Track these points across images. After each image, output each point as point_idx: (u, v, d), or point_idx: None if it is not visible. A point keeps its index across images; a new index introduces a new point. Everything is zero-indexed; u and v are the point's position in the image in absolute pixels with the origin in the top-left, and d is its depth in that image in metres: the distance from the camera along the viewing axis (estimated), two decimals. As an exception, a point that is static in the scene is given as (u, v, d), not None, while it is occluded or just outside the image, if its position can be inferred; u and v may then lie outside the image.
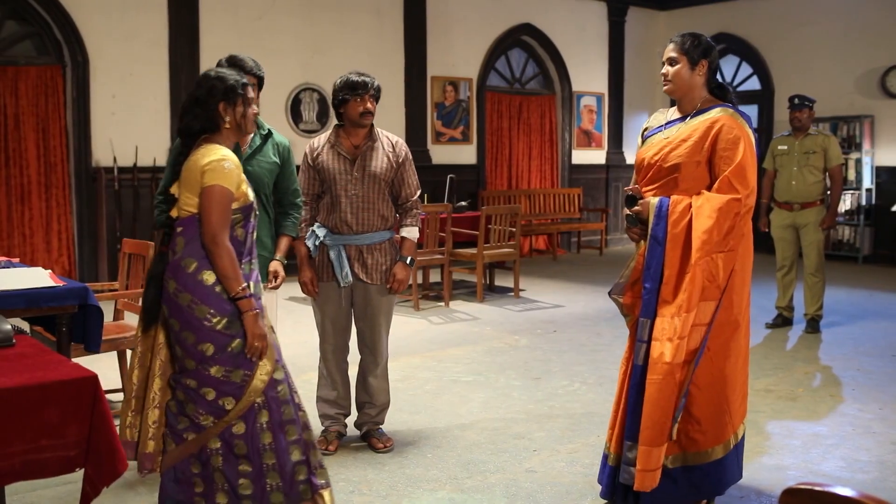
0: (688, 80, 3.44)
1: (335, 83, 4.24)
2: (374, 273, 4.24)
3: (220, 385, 3.02)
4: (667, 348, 3.20)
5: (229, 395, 3.03)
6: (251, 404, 3.06)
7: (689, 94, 3.47)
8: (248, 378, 3.04)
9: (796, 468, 4.06)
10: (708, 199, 3.25)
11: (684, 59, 3.43)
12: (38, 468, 2.65)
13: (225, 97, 3.08)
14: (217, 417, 3.04)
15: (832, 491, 1.31)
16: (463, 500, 3.70)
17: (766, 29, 12.32)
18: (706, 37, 3.50)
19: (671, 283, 3.24)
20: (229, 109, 3.09)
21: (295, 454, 3.13)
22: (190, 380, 3.03)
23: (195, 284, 2.99)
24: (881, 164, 11.27)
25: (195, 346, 3.00)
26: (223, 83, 3.09)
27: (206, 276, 3.00)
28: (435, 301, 8.49)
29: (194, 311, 2.98)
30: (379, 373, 4.38)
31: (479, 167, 11.74)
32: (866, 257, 11.30)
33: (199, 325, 2.98)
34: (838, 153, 7.05)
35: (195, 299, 2.98)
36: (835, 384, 5.59)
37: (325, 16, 10.08)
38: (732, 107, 3.41)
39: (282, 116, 9.82)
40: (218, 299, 2.99)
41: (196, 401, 3.04)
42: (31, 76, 8.32)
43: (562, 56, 12.50)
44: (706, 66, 3.43)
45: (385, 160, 4.28)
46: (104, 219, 8.54)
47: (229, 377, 3.02)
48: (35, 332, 4.60)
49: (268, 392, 3.10)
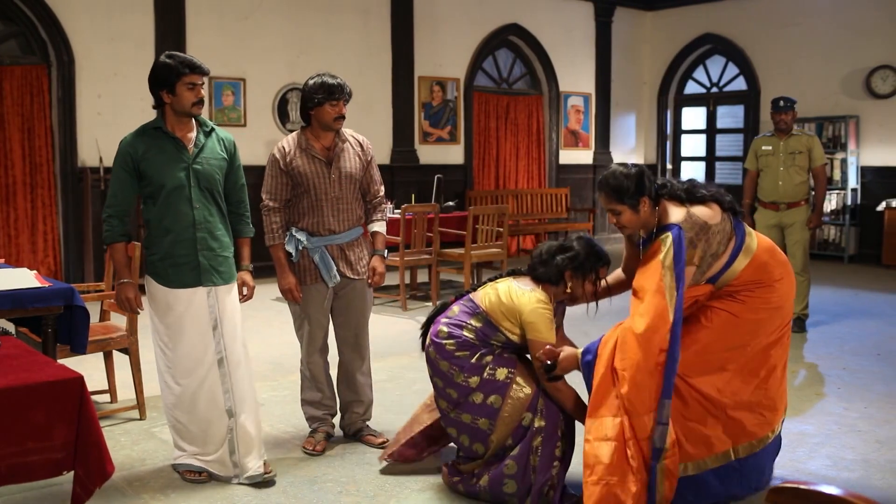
0: (638, 220, 3.45)
1: (307, 84, 4.16)
2: (358, 268, 4.28)
3: None
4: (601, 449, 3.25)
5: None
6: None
7: (646, 225, 3.49)
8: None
9: (782, 467, 4.07)
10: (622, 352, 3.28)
11: (625, 207, 3.42)
12: (26, 471, 2.63)
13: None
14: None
15: (818, 489, 1.32)
16: (451, 500, 3.70)
17: (751, 29, 12.37)
18: (629, 169, 3.43)
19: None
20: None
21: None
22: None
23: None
24: (866, 164, 11.33)
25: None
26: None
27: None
28: (422, 301, 8.48)
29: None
30: (364, 369, 4.40)
31: (467, 167, 11.74)
32: (852, 257, 11.37)
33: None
34: (822, 153, 7.11)
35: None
36: (820, 383, 5.62)
37: (312, 16, 10.06)
38: (672, 227, 3.34)
39: (268, 116, 9.79)
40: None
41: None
42: (16, 76, 8.27)
43: (549, 56, 12.52)
44: (647, 201, 3.40)
45: (357, 160, 4.28)
46: (90, 219, 8.50)
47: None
48: (20, 334, 4.57)
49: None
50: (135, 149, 3.80)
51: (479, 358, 3.55)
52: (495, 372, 3.54)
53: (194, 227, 3.80)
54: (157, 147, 3.80)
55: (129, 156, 3.79)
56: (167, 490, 3.79)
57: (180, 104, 3.78)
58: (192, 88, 3.76)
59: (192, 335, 3.81)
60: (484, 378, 3.54)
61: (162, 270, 3.83)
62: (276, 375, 5.70)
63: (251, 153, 9.06)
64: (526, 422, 3.53)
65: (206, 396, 3.82)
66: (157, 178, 3.77)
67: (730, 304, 3.46)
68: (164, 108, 3.84)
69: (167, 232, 3.80)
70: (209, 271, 3.83)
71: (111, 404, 4.98)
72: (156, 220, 3.83)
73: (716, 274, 3.46)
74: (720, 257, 3.43)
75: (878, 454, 4.28)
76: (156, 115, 3.91)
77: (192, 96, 3.77)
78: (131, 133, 3.89)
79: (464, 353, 3.56)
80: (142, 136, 3.84)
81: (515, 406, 3.52)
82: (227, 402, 3.83)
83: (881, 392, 5.34)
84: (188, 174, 3.80)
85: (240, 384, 3.86)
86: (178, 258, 3.80)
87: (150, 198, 3.83)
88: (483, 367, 3.55)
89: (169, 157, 3.79)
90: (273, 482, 3.84)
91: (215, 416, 3.83)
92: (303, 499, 3.71)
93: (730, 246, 3.44)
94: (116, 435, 4.49)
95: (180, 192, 3.78)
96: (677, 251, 3.27)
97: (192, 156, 3.82)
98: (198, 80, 3.77)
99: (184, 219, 3.79)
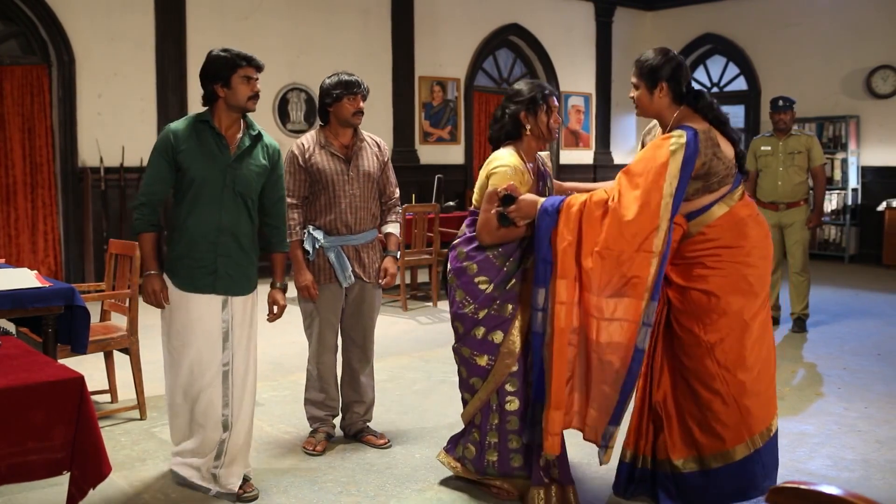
0: (650, 104, 3.41)
1: (325, 82, 4.20)
2: (370, 271, 4.29)
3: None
4: (559, 312, 3.24)
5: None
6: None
7: (658, 115, 3.44)
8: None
9: (783, 467, 4.07)
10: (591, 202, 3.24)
11: (642, 84, 3.40)
12: (25, 471, 2.63)
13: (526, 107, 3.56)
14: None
15: (818, 489, 1.32)
16: (451, 499, 3.70)
17: (752, 29, 12.37)
18: (666, 53, 3.39)
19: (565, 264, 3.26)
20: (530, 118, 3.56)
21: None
22: None
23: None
24: (867, 164, 11.33)
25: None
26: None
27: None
28: (423, 301, 8.48)
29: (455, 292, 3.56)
30: (368, 370, 4.41)
31: (467, 167, 11.74)
32: (852, 257, 11.37)
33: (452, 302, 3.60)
34: (821, 153, 7.13)
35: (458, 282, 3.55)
36: (821, 383, 5.62)
37: (312, 16, 10.06)
38: (688, 128, 3.26)
39: (269, 116, 9.79)
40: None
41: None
42: (17, 76, 8.27)
43: (549, 56, 12.52)
44: (666, 87, 3.35)
45: (375, 160, 4.31)
46: (90, 219, 8.50)
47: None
48: (21, 334, 4.57)
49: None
50: (177, 137, 3.60)
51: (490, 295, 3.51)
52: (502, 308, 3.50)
53: (219, 230, 3.60)
54: (198, 140, 3.60)
55: (170, 143, 3.59)
56: (167, 490, 3.79)
57: (235, 98, 3.58)
58: (248, 82, 3.59)
59: (199, 344, 3.62)
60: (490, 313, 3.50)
61: (178, 271, 3.64)
62: (277, 375, 5.70)
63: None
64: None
65: (204, 404, 3.65)
66: (190, 172, 3.57)
67: (702, 283, 3.35)
68: (217, 103, 3.63)
69: (189, 231, 3.61)
70: (226, 279, 3.63)
71: (111, 404, 4.98)
72: (180, 218, 3.63)
73: (696, 210, 3.35)
74: (709, 193, 3.33)
75: (878, 454, 4.28)
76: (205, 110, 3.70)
77: (247, 90, 3.59)
78: (174, 123, 3.70)
79: (482, 279, 3.50)
80: (187, 126, 3.64)
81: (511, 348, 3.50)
82: (224, 415, 3.66)
83: (881, 392, 5.34)
84: (224, 174, 3.60)
85: (240, 399, 3.70)
86: (196, 260, 3.60)
87: (180, 192, 3.64)
88: (492, 299, 3.49)
89: (208, 153, 3.60)
90: (253, 500, 3.67)
91: (210, 424, 3.65)
92: (303, 499, 3.71)
93: (722, 189, 3.34)
94: (117, 435, 4.49)
95: (212, 192, 3.59)
96: (690, 155, 3.18)
97: (232, 156, 3.63)
98: (253, 73, 3.60)
99: (210, 220, 3.59)
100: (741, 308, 3.31)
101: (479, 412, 3.61)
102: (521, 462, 3.58)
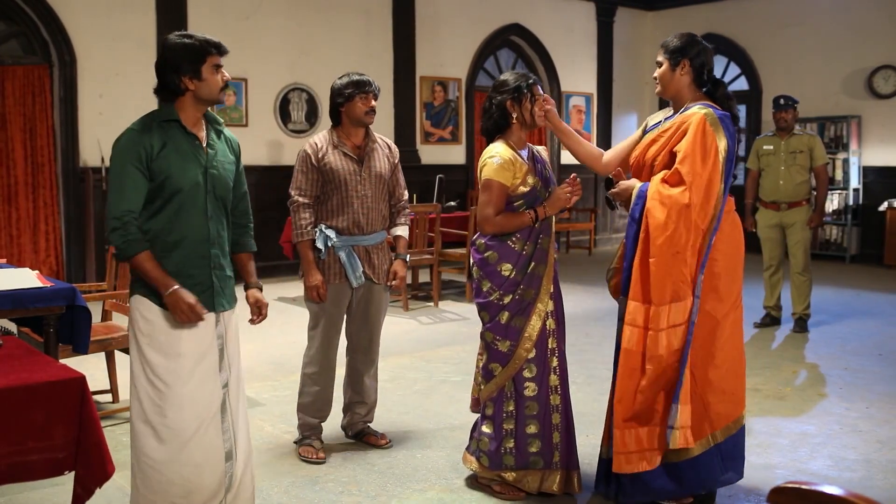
0: (671, 81, 3.50)
1: (336, 82, 4.20)
2: (380, 272, 4.29)
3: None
4: (627, 332, 3.33)
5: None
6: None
7: (677, 94, 3.52)
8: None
9: (784, 467, 4.08)
10: (659, 196, 3.31)
11: (666, 60, 3.50)
12: (26, 470, 2.64)
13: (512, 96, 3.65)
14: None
15: (820, 490, 1.32)
16: (452, 500, 3.71)
17: (753, 29, 12.37)
18: (693, 36, 3.52)
19: (636, 268, 3.34)
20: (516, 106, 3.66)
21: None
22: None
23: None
24: (868, 164, 11.32)
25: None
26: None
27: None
28: (424, 301, 8.48)
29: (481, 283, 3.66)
30: (373, 372, 4.40)
31: (468, 167, 11.73)
32: (854, 257, 11.36)
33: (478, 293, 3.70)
34: (823, 153, 7.11)
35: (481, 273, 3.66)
36: (822, 383, 5.61)
37: (313, 16, 10.06)
38: (711, 105, 3.40)
39: (270, 117, 9.79)
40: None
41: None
42: (18, 76, 8.28)
43: (550, 56, 12.52)
44: (688, 66, 3.46)
45: (386, 161, 4.33)
46: (92, 219, 8.51)
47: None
48: (22, 334, 4.58)
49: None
50: (150, 144, 3.05)
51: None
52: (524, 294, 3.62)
53: (209, 241, 3.14)
54: (173, 144, 3.09)
55: (143, 151, 3.03)
56: (168, 490, 3.79)
57: (208, 90, 3.10)
58: (218, 70, 3.12)
59: (199, 375, 3.11)
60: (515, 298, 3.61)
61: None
62: (277, 375, 5.70)
63: (253, 154, 9.07)
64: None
65: (202, 442, 3.10)
66: (171, 182, 3.05)
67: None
68: (183, 97, 3.13)
69: (176, 246, 3.09)
70: (220, 294, 3.19)
71: (113, 404, 4.99)
72: (161, 232, 3.08)
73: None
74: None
75: (879, 454, 4.28)
76: (160, 107, 3.21)
77: (219, 80, 3.12)
78: (135, 125, 3.14)
79: (505, 266, 3.63)
80: (152, 129, 3.10)
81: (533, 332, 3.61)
82: (226, 444, 3.17)
83: (882, 392, 5.34)
84: (205, 179, 3.13)
85: (238, 421, 3.24)
86: (191, 278, 3.10)
87: (154, 203, 3.08)
88: (517, 284, 3.62)
89: (185, 158, 3.10)
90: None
91: (210, 463, 3.12)
92: (304, 499, 3.71)
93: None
94: (118, 435, 4.49)
95: (196, 200, 3.10)
96: (730, 135, 3.33)
97: (208, 157, 3.16)
98: (221, 60, 3.15)
99: (198, 232, 3.11)
100: (712, 308, 3.40)
101: (492, 403, 3.67)
102: (538, 447, 3.64)
